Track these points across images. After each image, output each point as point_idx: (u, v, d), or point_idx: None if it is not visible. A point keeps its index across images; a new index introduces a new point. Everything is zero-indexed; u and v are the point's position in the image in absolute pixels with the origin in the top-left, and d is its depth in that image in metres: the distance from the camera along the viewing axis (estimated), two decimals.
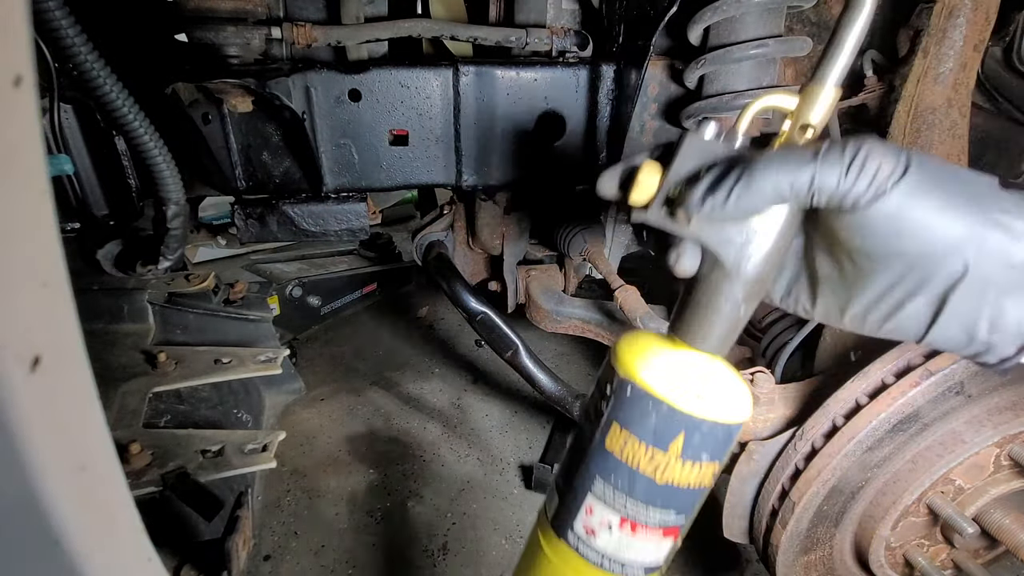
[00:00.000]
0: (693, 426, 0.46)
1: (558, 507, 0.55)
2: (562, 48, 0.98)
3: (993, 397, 0.76)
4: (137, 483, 0.91)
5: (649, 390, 0.47)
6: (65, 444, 0.32)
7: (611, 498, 0.50)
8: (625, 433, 0.48)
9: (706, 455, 0.48)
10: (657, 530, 0.50)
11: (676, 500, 0.50)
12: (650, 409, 0.47)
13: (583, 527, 0.52)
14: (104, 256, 1.13)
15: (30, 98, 0.27)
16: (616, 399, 0.49)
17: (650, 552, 0.52)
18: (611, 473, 0.50)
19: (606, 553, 0.52)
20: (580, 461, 0.53)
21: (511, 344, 1.16)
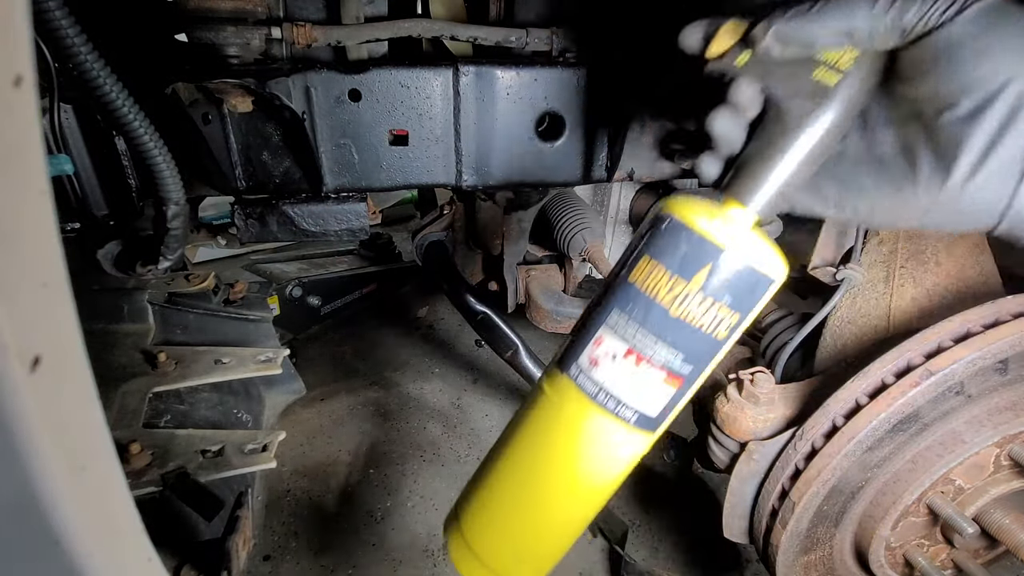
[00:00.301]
0: (721, 260, 0.46)
1: (567, 346, 0.55)
2: (562, 48, 0.98)
3: (993, 397, 0.76)
4: (137, 483, 0.91)
5: (686, 220, 0.47)
6: (65, 444, 0.32)
7: (623, 327, 0.50)
8: (652, 263, 0.48)
9: (728, 297, 0.47)
10: (660, 371, 0.49)
11: (686, 340, 0.48)
12: (683, 238, 0.47)
13: (588, 358, 0.52)
14: (104, 256, 1.12)
15: (30, 98, 0.27)
16: (651, 234, 0.50)
17: (648, 396, 0.51)
18: (629, 302, 0.49)
19: (604, 385, 0.51)
20: (600, 300, 0.53)
21: (511, 344, 1.16)
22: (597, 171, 1.06)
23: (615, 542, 1.17)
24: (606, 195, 1.37)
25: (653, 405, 0.51)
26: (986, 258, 0.89)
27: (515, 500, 0.59)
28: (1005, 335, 0.69)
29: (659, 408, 0.52)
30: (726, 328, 0.48)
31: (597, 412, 0.52)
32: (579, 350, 0.53)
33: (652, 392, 0.51)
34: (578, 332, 0.54)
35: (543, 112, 0.99)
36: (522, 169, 1.03)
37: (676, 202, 0.49)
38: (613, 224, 1.42)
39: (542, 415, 0.56)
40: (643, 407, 0.51)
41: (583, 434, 0.54)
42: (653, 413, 0.52)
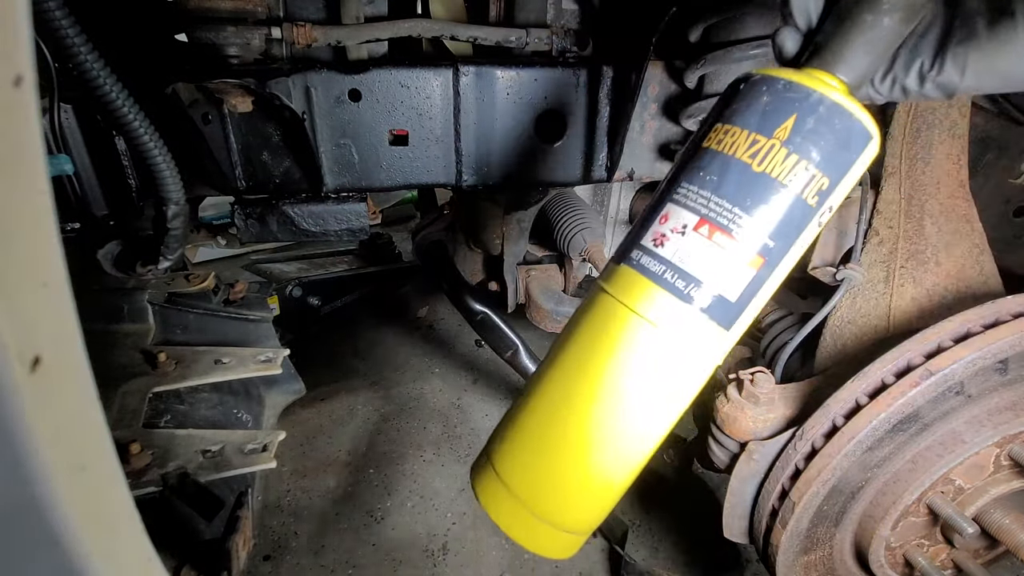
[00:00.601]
0: (809, 106, 0.40)
1: (624, 242, 0.48)
2: (562, 48, 0.98)
3: (993, 397, 0.76)
4: (137, 483, 0.91)
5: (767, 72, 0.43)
6: (65, 444, 0.32)
7: (694, 197, 0.43)
8: (727, 127, 0.43)
9: (816, 153, 0.40)
10: (739, 244, 0.41)
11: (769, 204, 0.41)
12: (764, 90, 0.42)
13: (651, 237, 0.44)
14: (104, 256, 1.12)
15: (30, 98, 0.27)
16: (725, 100, 0.45)
17: (725, 275, 0.42)
18: (700, 169, 0.43)
19: (672, 260, 0.43)
20: (663, 185, 0.46)
21: (511, 344, 1.16)
22: (597, 171, 1.06)
23: (615, 542, 1.17)
24: (606, 195, 1.37)
25: (731, 287, 0.42)
26: (986, 258, 0.89)
27: (562, 420, 0.47)
28: (1005, 335, 0.69)
29: (738, 291, 0.42)
30: (815, 192, 0.41)
31: (663, 295, 0.43)
32: (640, 234, 0.45)
33: (730, 270, 0.42)
34: (637, 223, 0.47)
35: (543, 112, 0.99)
36: (522, 169, 1.03)
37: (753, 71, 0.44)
38: (613, 224, 1.42)
39: (596, 314, 0.47)
40: (720, 288, 0.42)
41: (647, 327, 0.43)
42: (732, 297, 0.42)
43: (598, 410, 0.46)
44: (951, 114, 0.86)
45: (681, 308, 0.42)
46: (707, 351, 0.45)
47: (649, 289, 0.43)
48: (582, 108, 1.00)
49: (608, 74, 0.98)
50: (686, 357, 0.44)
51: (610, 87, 0.99)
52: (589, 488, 0.48)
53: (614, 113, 1.01)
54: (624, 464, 0.48)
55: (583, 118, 1.01)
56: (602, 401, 0.46)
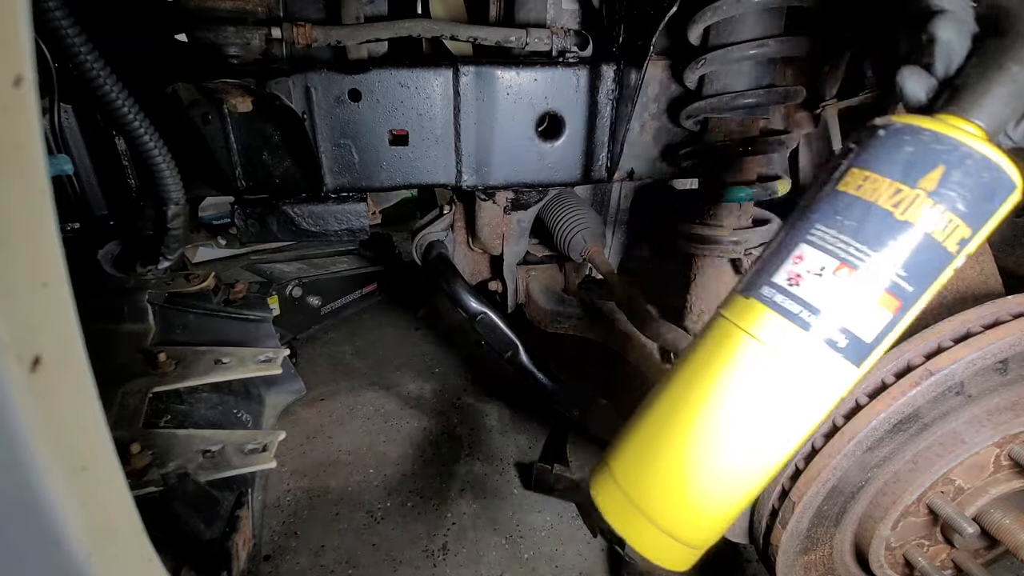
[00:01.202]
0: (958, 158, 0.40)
1: (753, 273, 0.49)
2: (562, 48, 0.98)
3: (993, 397, 0.76)
4: (137, 483, 0.91)
5: (910, 121, 0.42)
6: (65, 444, 0.32)
7: (831, 240, 0.43)
8: (866, 173, 0.43)
9: (962, 204, 0.40)
10: (877, 288, 0.42)
11: (909, 250, 0.42)
12: (908, 140, 0.42)
13: (786, 276, 0.45)
14: (104, 256, 1.13)
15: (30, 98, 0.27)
16: (861, 145, 0.45)
17: (862, 317, 0.43)
18: (839, 213, 0.44)
19: (809, 302, 0.44)
20: (794, 221, 0.47)
21: (511, 344, 1.16)
22: (597, 171, 1.06)
23: (615, 542, 1.17)
24: (606, 195, 1.37)
25: (868, 328, 0.43)
26: (986, 258, 0.89)
27: (685, 438, 0.49)
28: (1005, 335, 0.69)
29: (874, 333, 0.44)
30: (956, 241, 0.41)
31: (798, 333, 0.44)
32: (772, 270, 0.46)
33: (866, 313, 0.43)
34: (766, 258, 0.48)
35: (543, 112, 0.99)
36: (522, 169, 1.03)
37: (891, 116, 0.44)
38: (613, 224, 1.42)
39: (725, 343, 0.48)
40: (857, 329, 0.43)
41: (778, 360, 0.45)
42: (868, 337, 0.44)
43: (723, 429, 0.48)
44: None
45: (816, 345, 0.44)
46: (838, 385, 0.46)
47: (785, 326, 0.45)
48: (582, 108, 1.00)
49: (608, 74, 0.98)
50: (818, 387, 0.46)
51: (610, 87, 0.99)
52: (703, 502, 0.50)
53: (614, 113, 1.01)
54: (740, 483, 0.49)
55: (583, 118, 1.01)
56: (728, 420, 0.47)
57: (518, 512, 1.28)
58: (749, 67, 0.91)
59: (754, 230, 1.02)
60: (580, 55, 1.01)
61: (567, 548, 1.19)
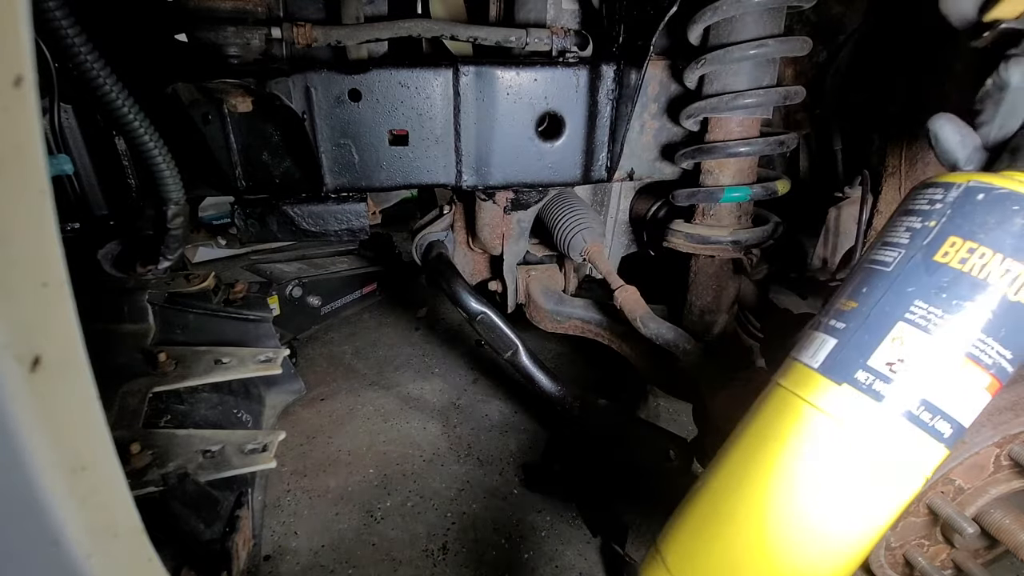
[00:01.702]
0: None
1: (833, 350, 0.45)
2: (562, 48, 0.98)
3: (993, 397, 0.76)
4: (137, 483, 0.91)
5: (1016, 187, 0.38)
6: (65, 444, 0.32)
7: (936, 321, 0.40)
8: (970, 245, 0.39)
9: None
10: (986, 375, 0.40)
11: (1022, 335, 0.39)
12: (1017, 209, 0.38)
13: (885, 361, 0.42)
14: (104, 256, 1.13)
15: (30, 98, 0.27)
16: (954, 209, 0.40)
17: (968, 404, 0.41)
18: (943, 290, 0.40)
19: (919, 393, 0.41)
20: (878, 289, 0.43)
21: (511, 344, 1.16)
22: (597, 171, 1.06)
23: (615, 542, 1.17)
24: (606, 195, 1.37)
25: (970, 414, 0.42)
26: None
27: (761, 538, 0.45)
28: None
29: (973, 415, 0.42)
30: None
31: (910, 429, 0.41)
32: (866, 351, 0.43)
33: (972, 399, 0.41)
34: (847, 334, 0.44)
35: (543, 112, 0.99)
36: (522, 169, 1.03)
37: (982, 174, 0.41)
38: (613, 224, 1.42)
39: (815, 442, 0.44)
40: (961, 417, 0.41)
41: (883, 460, 0.42)
42: (967, 423, 0.42)
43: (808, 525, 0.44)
44: None
45: (926, 440, 0.42)
46: (930, 470, 0.44)
47: (899, 424, 0.42)
48: (582, 108, 1.00)
49: (608, 74, 0.98)
50: (916, 479, 0.44)
51: (610, 87, 0.99)
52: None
53: (614, 113, 1.01)
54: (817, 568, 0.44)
55: (583, 118, 1.01)
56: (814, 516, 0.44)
57: (518, 512, 1.28)
58: (749, 67, 0.91)
59: (754, 230, 1.02)
60: (580, 55, 1.01)
61: (567, 548, 1.19)
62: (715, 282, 1.10)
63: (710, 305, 1.12)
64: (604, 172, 1.06)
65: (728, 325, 1.16)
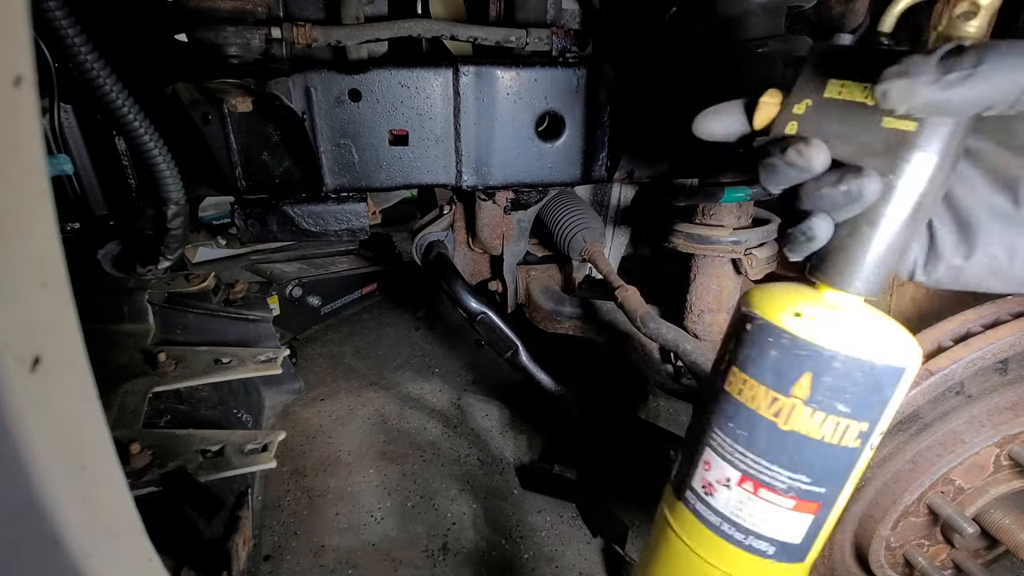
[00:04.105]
0: (821, 363, 0.37)
1: (679, 464, 0.47)
2: (562, 48, 0.98)
3: (993, 397, 0.76)
4: (137, 483, 0.91)
5: (770, 318, 0.39)
6: (65, 444, 0.32)
7: (729, 449, 0.42)
8: (743, 376, 0.40)
9: (843, 406, 0.38)
10: (786, 498, 0.40)
11: (806, 458, 0.39)
12: (769, 343, 0.39)
13: (700, 484, 0.44)
14: (104, 256, 1.12)
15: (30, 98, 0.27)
16: (736, 339, 0.42)
17: (781, 525, 0.42)
18: (729, 419, 0.42)
19: (725, 515, 0.43)
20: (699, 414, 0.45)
21: (511, 344, 1.16)
22: (597, 171, 1.06)
23: (615, 542, 1.17)
24: (606, 195, 1.37)
25: (792, 533, 0.42)
26: None
27: None
28: (1005, 335, 0.69)
29: (800, 535, 0.42)
30: (855, 436, 0.39)
31: (727, 546, 0.43)
32: (690, 473, 0.45)
33: (786, 521, 0.41)
34: (686, 447, 0.47)
35: (543, 112, 0.99)
36: (522, 169, 1.03)
37: (759, 295, 0.41)
38: (613, 224, 1.42)
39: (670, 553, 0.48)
40: (780, 536, 0.42)
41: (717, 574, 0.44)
42: (795, 540, 0.42)
43: None
44: None
45: (746, 558, 0.43)
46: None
47: (712, 540, 0.44)
48: (582, 108, 1.00)
49: (608, 74, 0.98)
50: None
51: (610, 87, 0.99)
52: None
53: (614, 113, 1.01)
54: None
55: (583, 118, 1.01)
56: None
57: (518, 512, 1.28)
58: (750, 67, 0.91)
59: (754, 230, 1.02)
60: (580, 55, 1.01)
61: (567, 548, 1.19)
62: (715, 282, 1.10)
63: (710, 305, 1.12)
64: (604, 172, 1.06)
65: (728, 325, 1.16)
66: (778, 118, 0.41)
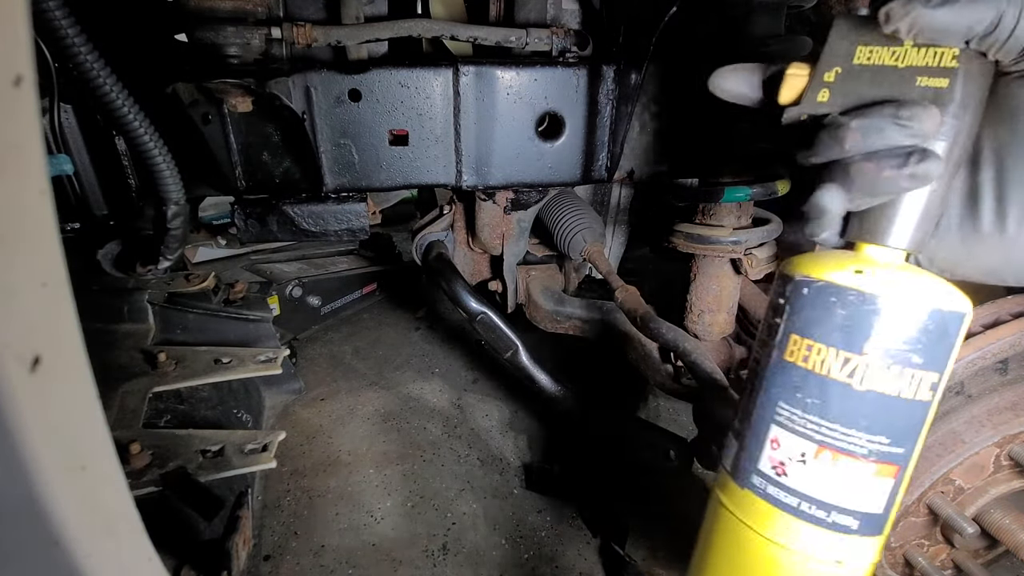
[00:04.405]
0: (891, 316, 0.37)
1: (736, 453, 0.46)
2: (562, 48, 0.98)
3: (993, 397, 0.76)
4: (137, 483, 0.91)
5: (829, 280, 0.39)
6: (65, 444, 0.32)
7: (800, 421, 0.41)
8: (808, 341, 0.40)
9: (917, 356, 0.38)
10: (867, 463, 0.40)
11: (884, 417, 0.39)
12: (834, 303, 0.39)
13: (770, 465, 0.43)
14: (104, 256, 1.13)
15: (30, 98, 0.27)
16: (791, 307, 0.41)
17: (864, 494, 0.41)
18: (796, 391, 0.41)
19: (805, 493, 0.41)
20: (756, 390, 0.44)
21: (511, 344, 1.16)
22: (597, 171, 1.06)
23: (615, 542, 1.17)
24: (606, 195, 1.37)
25: (874, 502, 0.41)
26: None
27: None
28: (1005, 335, 0.69)
29: (882, 503, 0.42)
30: (928, 389, 0.39)
31: (807, 528, 0.42)
32: (754, 456, 0.44)
33: (868, 489, 0.41)
34: (742, 432, 0.45)
35: (543, 112, 0.99)
36: (522, 169, 1.03)
37: (806, 262, 0.41)
38: (613, 224, 1.42)
39: (741, 547, 0.46)
40: (862, 507, 0.41)
41: (801, 560, 0.43)
42: (878, 510, 0.42)
43: None
44: None
45: (829, 536, 0.42)
46: (863, 560, 0.44)
47: (791, 523, 0.43)
48: (582, 108, 1.00)
49: (608, 74, 0.98)
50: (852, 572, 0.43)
51: (610, 87, 0.99)
52: None
53: (614, 113, 1.01)
54: None
55: (583, 118, 1.01)
56: None
57: (518, 512, 1.28)
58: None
59: (754, 230, 1.02)
60: (580, 55, 1.01)
61: (567, 548, 1.19)
62: (715, 282, 1.10)
63: (710, 305, 1.12)
64: (604, 172, 1.06)
65: (728, 325, 1.16)
66: (809, 86, 0.42)
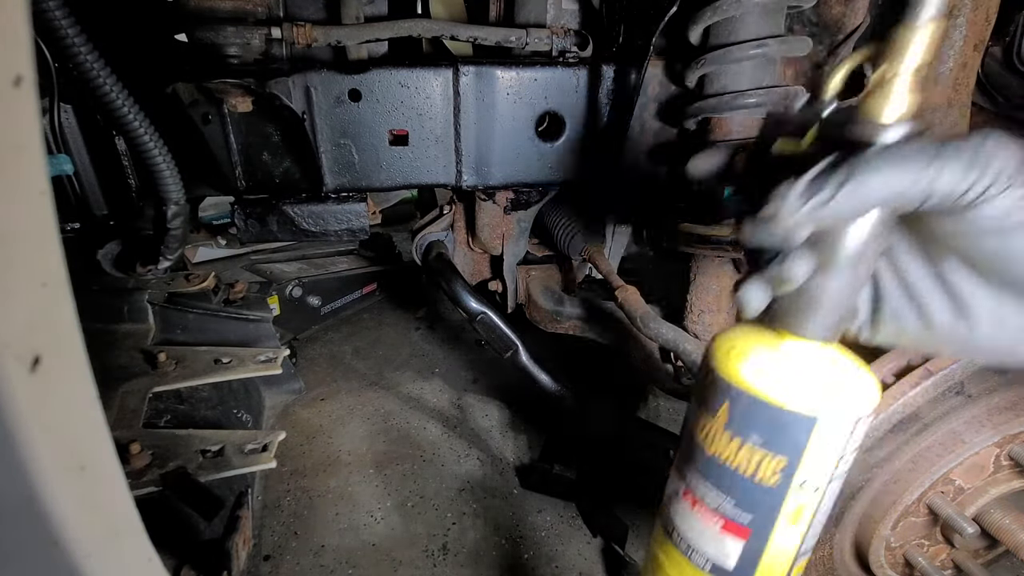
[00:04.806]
0: (735, 395, 0.41)
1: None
2: (562, 48, 0.98)
3: (993, 397, 0.76)
4: (137, 483, 0.91)
5: (708, 354, 0.44)
6: (65, 444, 0.32)
7: (679, 464, 0.47)
8: (693, 405, 0.46)
9: (756, 437, 0.41)
10: (714, 516, 0.44)
11: (728, 482, 0.43)
12: (702, 374, 0.45)
13: (667, 494, 0.50)
14: (104, 256, 1.13)
15: (30, 98, 0.27)
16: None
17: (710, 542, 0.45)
18: (684, 436, 0.47)
19: (676, 525, 0.48)
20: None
21: (511, 344, 1.16)
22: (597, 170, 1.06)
23: (615, 542, 1.17)
24: None
25: (725, 557, 0.45)
26: None
27: None
28: None
29: (733, 561, 0.45)
30: (773, 473, 0.41)
31: (675, 553, 0.48)
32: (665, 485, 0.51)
33: (712, 538, 0.45)
34: None
35: (543, 112, 0.99)
36: (522, 169, 1.03)
37: (729, 330, 0.45)
38: (613, 224, 1.42)
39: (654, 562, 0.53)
40: (715, 557, 0.45)
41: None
42: (728, 566, 0.45)
43: None
44: (951, 114, 0.86)
45: (690, 569, 0.47)
46: None
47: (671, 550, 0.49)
48: (582, 108, 1.00)
49: (608, 74, 0.98)
50: None
51: (610, 87, 0.99)
52: None
53: (614, 113, 1.01)
54: None
55: (583, 118, 1.01)
56: None
57: (518, 512, 1.28)
58: (749, 67, 0.91)
59: None
60: (580, 55, 1.01)
61: (567, 548, 1.19)
62: (715, 282, 1.10)
63: (710, 305, 1.12)
64: None
65: (728, 325, 1.16)
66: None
